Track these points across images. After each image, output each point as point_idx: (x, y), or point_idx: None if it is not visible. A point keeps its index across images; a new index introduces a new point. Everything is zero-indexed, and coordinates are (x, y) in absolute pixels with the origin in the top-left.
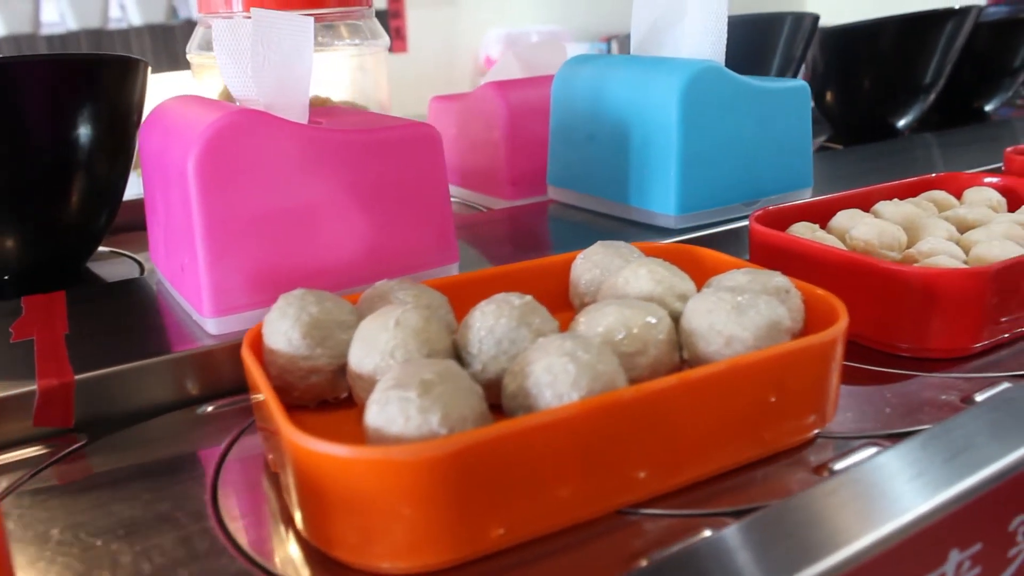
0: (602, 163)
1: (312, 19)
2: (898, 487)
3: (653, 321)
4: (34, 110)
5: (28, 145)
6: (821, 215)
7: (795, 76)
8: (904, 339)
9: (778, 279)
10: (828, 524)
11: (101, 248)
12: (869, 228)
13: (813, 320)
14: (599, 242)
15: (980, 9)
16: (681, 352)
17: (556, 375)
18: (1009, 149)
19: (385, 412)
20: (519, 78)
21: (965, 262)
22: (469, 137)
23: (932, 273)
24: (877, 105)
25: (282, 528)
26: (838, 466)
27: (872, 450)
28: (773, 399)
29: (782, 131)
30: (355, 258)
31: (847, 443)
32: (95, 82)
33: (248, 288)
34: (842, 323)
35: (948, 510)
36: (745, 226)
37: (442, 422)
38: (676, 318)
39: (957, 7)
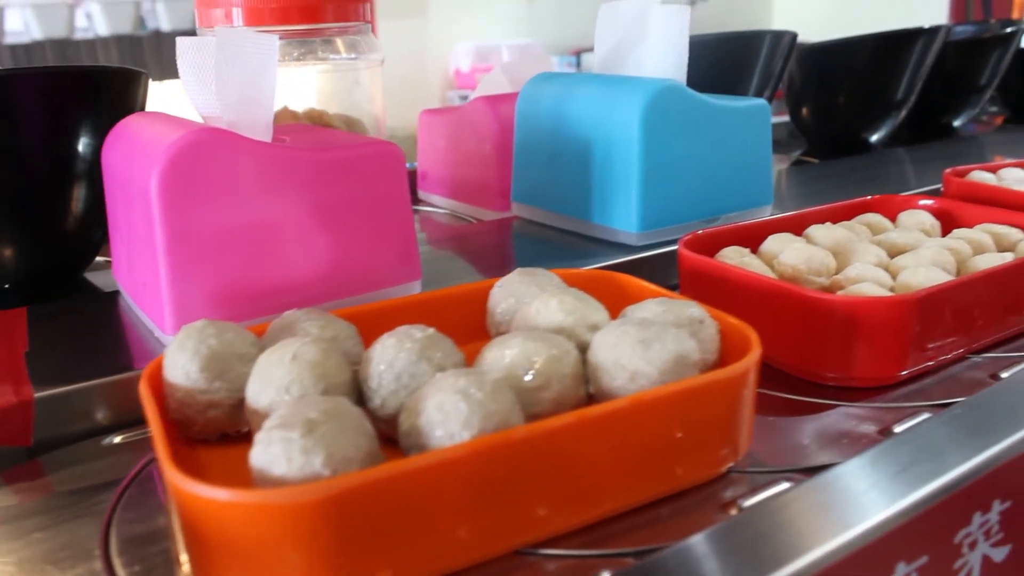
0: (565, 180)
1: (276, 37)
2: (848, 500)
3: (557, 355)
4: (36, 121)
5: (28, 155)
6: (753, 239)
7: (773, 92)
8: (828, 368)
9: (692, 309)
10: (776, 538)
11: (99, 258)
12: (797, 253)
13: (730, 350)
14: (518, 270)
15: (949, 28)
16: (588, 386)
17: (447, 414)
18: (948, 171)
19: (268, 453)
20: (508, 92)
21: (892, 288)
22: (460, 150)
23: (853, 302)
24: (851, 120)
25: (174, 569)
26: (748, 503)
27: (785, 485)
28: (680, 435)
29: (742, 149)
30: (317, 275)
31: (760, 478)
32: (97, 93)
33: (211, 306)
34: (753, 355)
35: (897, 523)
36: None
37: (325, 463)
38: (587, 350)
39: (927, 27)
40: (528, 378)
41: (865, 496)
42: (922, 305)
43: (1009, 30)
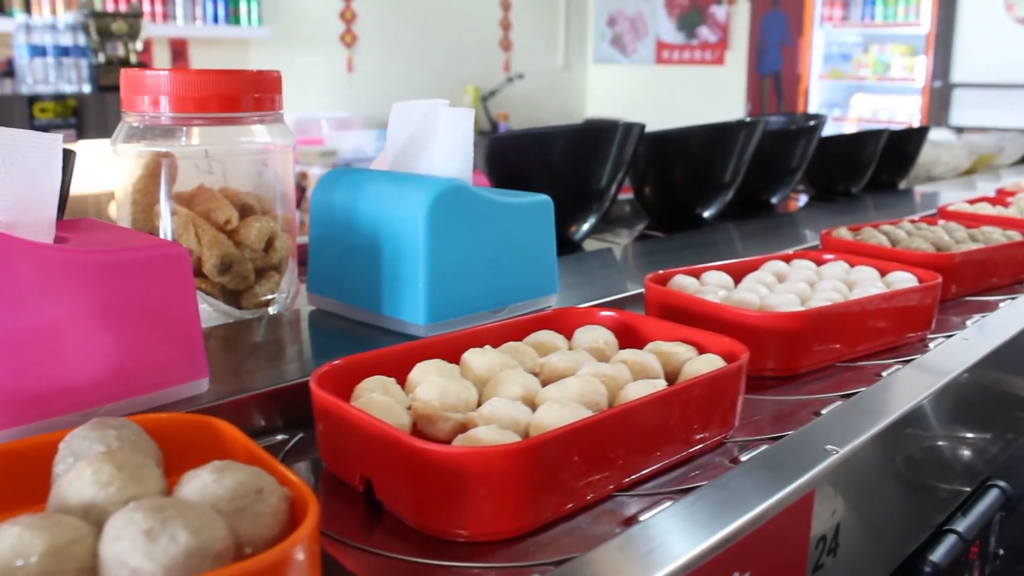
0: (357, 273)
1: (60, 137)
2: None
3: (60, 546)
4: None
5: None
6: (407, 365)
7: (625, 176)
8: (451, 523)
9: (253, 479)
10: None
11: None
12: (431, 388)
13: (303, 518)
14: (94, 420)
15: (766, 121)
16: None
17: None
18: (649, 276)
19: None
20: None
21: (526, 427)
22: None
23: (460, 453)
24: (688, 198)
25: None
26: None
27: None
28: None
29: (526, 242)
30: (100, 377)
31: None
32: None
33: None
34: (300, 534)
35: None
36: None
37: None
38: None
39: (748, 119)
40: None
41: None
42: (541, 452)
43: (812, 123)
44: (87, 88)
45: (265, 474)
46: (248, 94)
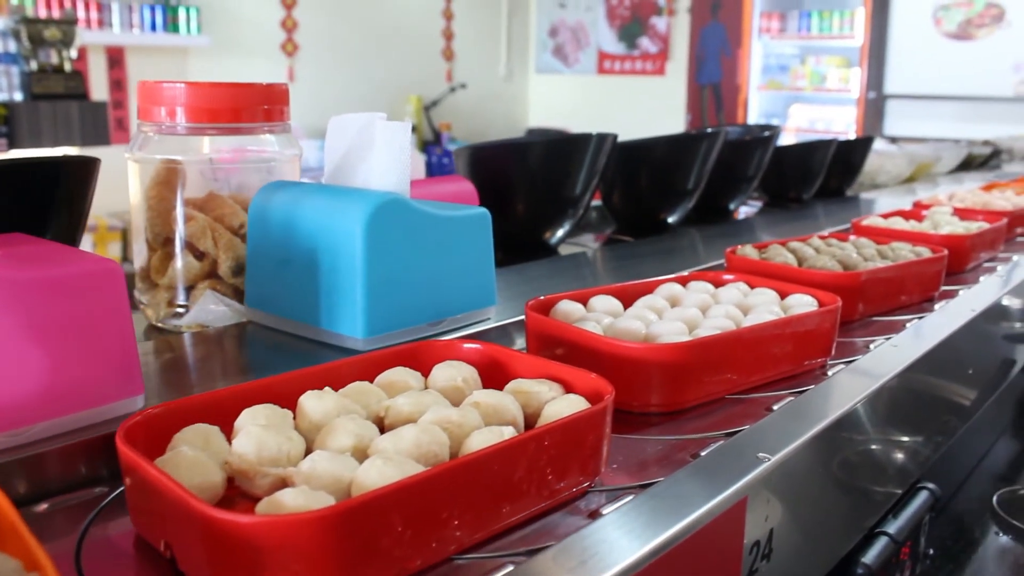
0: (295, 287)
1: None
2: None
3: None
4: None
5: None
6: (235, 409)
7: (598, 184)
8: None
9: None
10: None
11: None
12: (249, 440)
13: None
14: None
15: (726, 131)
16: None
17: None
18: (529, 302)
19: None
20: None
21: (348, 486)
22: None
23: (252, 524)
24: (653, 204)
25: None
26: None
27: None
28: None
29: (464, 255)
30: (31, 394)
31: None
32: (57, 183)
33: None
34: None
35: None
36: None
37: None
38: None
39: (710, 130)
40: None
41: None
42: (344, 521)
43: (767, 134)
44: (19, 96)
45: (7, 559)
46: (257, 106)
